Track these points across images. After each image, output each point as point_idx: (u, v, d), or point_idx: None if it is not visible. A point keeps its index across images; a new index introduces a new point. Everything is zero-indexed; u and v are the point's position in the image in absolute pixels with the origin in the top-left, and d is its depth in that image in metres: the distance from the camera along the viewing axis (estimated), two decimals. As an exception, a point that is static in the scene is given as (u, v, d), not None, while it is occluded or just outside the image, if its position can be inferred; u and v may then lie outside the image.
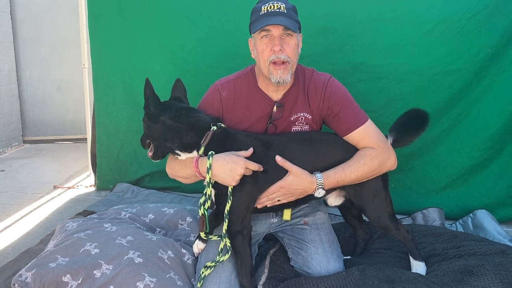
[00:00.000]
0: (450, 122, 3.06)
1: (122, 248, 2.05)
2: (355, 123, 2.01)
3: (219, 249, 1.94)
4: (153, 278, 1.92)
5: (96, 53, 3.54)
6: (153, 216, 2.52)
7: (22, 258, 2.38)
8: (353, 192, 2.06)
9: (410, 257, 2.09)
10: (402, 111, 2.97)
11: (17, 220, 3.24)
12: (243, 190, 1.91)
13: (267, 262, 2.15)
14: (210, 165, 1.85)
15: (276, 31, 1.92)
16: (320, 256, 2.07)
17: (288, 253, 2.17)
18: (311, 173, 1.95)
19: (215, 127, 1.94)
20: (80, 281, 1.90)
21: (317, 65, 2.25)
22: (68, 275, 1.92)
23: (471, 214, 2.92)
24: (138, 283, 1.88)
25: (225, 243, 1.93)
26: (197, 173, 1.91)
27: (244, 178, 1.88)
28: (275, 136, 2.08)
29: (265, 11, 1.93)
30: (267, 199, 1.98)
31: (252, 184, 1.92)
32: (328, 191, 2.03)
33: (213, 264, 1.93)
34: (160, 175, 3.65)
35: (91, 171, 3.99)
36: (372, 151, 1.98)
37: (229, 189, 1.88)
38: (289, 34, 1.94)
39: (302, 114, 2.10)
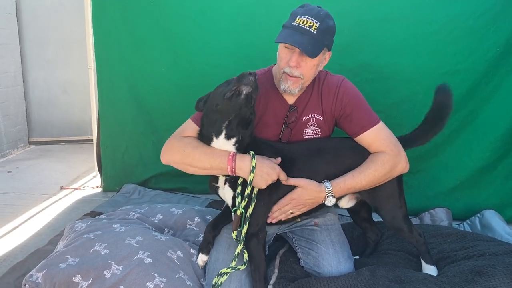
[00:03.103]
0: (459, 123, 3.04)
1: (132, 249, 2.06)
2: (367, 124, 2.01)
3: (236, 254, 1.93)
4: (163, 278, 1.92)
5: (100, 54, 3.53)
6: (161, 217, 2.53)
7: (31, 258, 2.39)
8: (367, 194, 2.06)
9: (422, 261, 2.09)
10: (409, 112, 3.04)
11: (25, 221, 3.25)
12: (264, 195, 1.93)
13: (277, 262, 2.15)
14: (255, 164, 1.85)
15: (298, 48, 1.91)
16: (331, 256, 2.07)
17: (298, 253, 2.17)
18: (321, 181, 1.97)
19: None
20: (90, 282, 1.91)
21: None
22: (78, 276, 1.93)
23: (478, 214, 2.91)
24: (148, 283, 1.89)
25: (242, 250, 1.93)
26: (229, 167, 1.87)
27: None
28: (288, 144, 2.09)
29: (296, 24, 1.91)
30: (279, 212, 1.99)
31: (271, 191, 1.94)
32: (340, 198, 2.04)
33: (228, 270, 1.91)
34: (166, 177, 3.66)
35: (97, 172, 3.99)
36: (383, 156, 1.98)
37: (255, 191, 1.89)
38: None
39: (313, 115, 2.10)
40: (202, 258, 2.12)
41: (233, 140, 1.90)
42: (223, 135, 1.89)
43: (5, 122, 5.13)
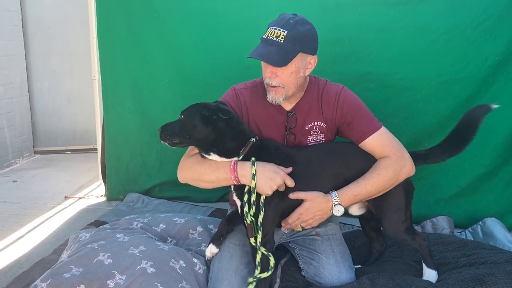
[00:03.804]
0: (459, 130, 3.06)
1: (135, 258, 2.08)
2: (369, 130, 2.03)
3: (257, 262, 1.91)
4: (165, 288, 1.94)
5: (105, 65, 3.58)
6: (164, 226, 2.55)
7: (36, 268, 2.41)
8: (373, 204, 2.07)
9: (424, 265, 2.10)
10: (409, 119, 3.07)
11: (30, 230, 3.27)
12: (271, 203, 1.93)
13: (278, 271, 2.17)
14: (255, 171, 1.87)
15: None
16: (332, 266, 2.08)
17: (299, 263, 2.18)
18: (327, 192, 1.98)
19: (254, 139, 1.98)
20: (94, 291, 1.93)
21: (324, 74, 2.28)
22: (82, 285, 1.94)
23: (480, 222, 2.92)
24: (151, 293, 1.91)
25: (269, 258, 1.91)
26: (232, 177, 1.90)
27: (274, 192, 1.91)
28: (299, 150, 2.10)
29: (265, 37, 1.96)
30: (289, 227, 2.01)
31: (279, 199, 1.95)
32: (349, 207, 2.06)
33: (254, 280, 1.89)
34: (169, 185, 3.69)
35: (102, 181, 4.03)
36: (386, 160, 1.99)
37: (261, 199, 1.91)
38: None
39: (316, 123, 2.13)
40: (211, 249, 2.12)
41: (232, 156, 1.94)
42: (217, 154, 1.95)
43: (11, 132, 5.18)
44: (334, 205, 1.95)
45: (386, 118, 3.00)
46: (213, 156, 1.95)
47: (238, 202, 2.01)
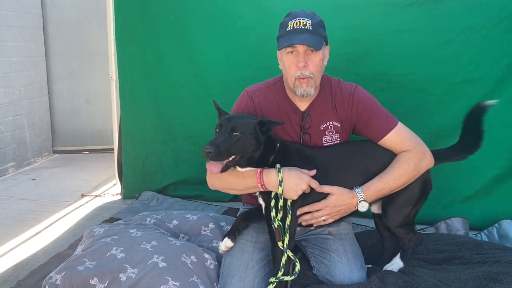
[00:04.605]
0: (474, 131, 3.02)
1: (147, 253, 2.11)
2: (387, 127, 2.04)
3: (281, 264, 1.93)
4: (176, 282, 1.97)
5: (123, 65, 3.64)
6: (177, 222, 2.58)
7: (52, 262, 2.47)
8: (385, 197, 2.07)
9: (398, 255, 2.13)
10: (423, 120, 3.04)
11: (47, 226, 3.35)
12: (296, 205, 1.96)
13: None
14: (282, 177, 1.89)
15: (301, 48, 1.98)
16: (344, 265, 2.08)
17: (311, 261, 2.19)
18: (352, 188, 2.00)
19: (278, 144, 2.01)
20: (106, 284, 1.98)
21: (339, 74, 2.29)
22: (95, 278, 1.99)
23: (496, 224, 2.87)
24: (162, 287, 1.93)
25: (294, 261, 1.93)
26: (259, 185, 1.94)
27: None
28: (319, 150, 2.12)
29: (291, 28, 1.99)
30: (311, 216, 2.00)
31: (302, 200, 1.97)
32: (372, 204, 2.06)
33: (276, 280, 1.92)
34: (184, 184, 3.73)
35: (118, 180, 4.09)
36: (406, 154, 2.01)
37: (288, 203, 1.93)
38: (313, 50, 1.99)
39: (331, 123, 2.14)
40: (226, 243, 2.12)
41: (254, 166, 1.96)
42: (242, 167, 1.97)
43: (31, 132, 5.30)
44: (360, 202, 1.97)
45: (399, 119, 2.88)
46: (246, 166, 1.97)
47: (263, 204, 2.03)
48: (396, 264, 2.11)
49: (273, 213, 1.92)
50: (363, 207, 1.99)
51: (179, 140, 3.67)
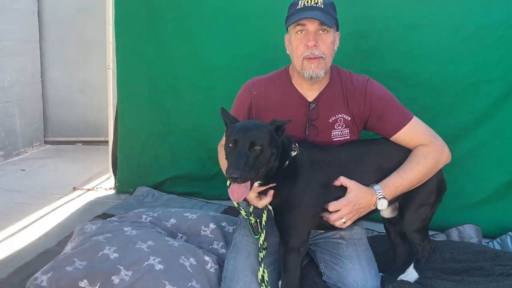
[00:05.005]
0: (487, 134, 2.91)
1: (142, 254, 2.00)
2: (401, 121, 1.95)
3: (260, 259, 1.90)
4: (174, 286, 1.86)
5: (121, 54, 3.52)
6: (175, 221, 2.47)
7: (38, 259, 2.35)
8: (403, 195, 1.96)
9: (411, 265, 2.03)
10: (435, 121, 2.91)
11: (35, 220, 3.21)
12: (308, 205, 1.84)
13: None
14: None
15: (312, 26, 1.89)
16: (357, 272, 1.96)
17: (320, 267, 2.06)
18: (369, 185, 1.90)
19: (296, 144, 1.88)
20: (97, 287, 1.85)
21: (348, 69, 2.17)
22: (85, 280, 1.86)
23: (510, 233, 2.74)
24: (158, 291, 1.80)
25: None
26: None
27: (311, 192, 1.84)
28: (333, 148, 2.00)
29: (302, 6, 1.91)
30: (337, 216, 1.86)
31: (315, 199, 1.85)
32: (390, 202, 1.94)
33: None
34: (181, 180, 3.62)
35: (111, 173, 3.96)
36: (423, 148, 1.92)
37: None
38: (325, 30, 1.91)
39: (340, 116, 2.03)
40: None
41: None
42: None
43: (22, 121, 5.14)
44: (379, 199, 1.86)
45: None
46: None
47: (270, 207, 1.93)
48: (411, 275, 2.00)
49: (251, 209, 1.92)
50: (382, 205, 1.87)
51: (177, 134, 3.56)
